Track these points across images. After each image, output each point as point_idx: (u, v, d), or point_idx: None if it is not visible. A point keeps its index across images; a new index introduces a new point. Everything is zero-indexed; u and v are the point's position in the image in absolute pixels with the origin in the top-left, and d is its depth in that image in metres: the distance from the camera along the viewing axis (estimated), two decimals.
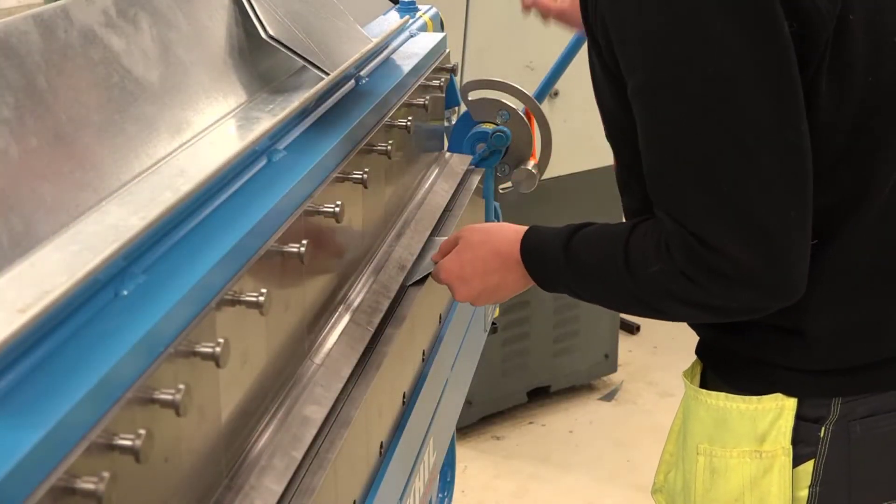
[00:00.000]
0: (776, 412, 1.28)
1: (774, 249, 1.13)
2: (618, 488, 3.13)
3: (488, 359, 3.08)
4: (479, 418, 3.36)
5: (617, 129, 1.31)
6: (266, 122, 1.18)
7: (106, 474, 0.73)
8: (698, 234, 1.14)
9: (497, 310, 2.16)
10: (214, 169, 1.02)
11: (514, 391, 3.42)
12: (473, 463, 3.23)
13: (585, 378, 3.58)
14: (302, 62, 1.35)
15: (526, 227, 1.37)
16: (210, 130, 1.19)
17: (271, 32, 1.32)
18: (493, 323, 2.11)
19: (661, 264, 1.18)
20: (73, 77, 1.03)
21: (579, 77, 2.76)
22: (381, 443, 1.26)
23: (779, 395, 1.28)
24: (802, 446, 1.29)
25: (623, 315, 3.74)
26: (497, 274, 1.39)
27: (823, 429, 1.28)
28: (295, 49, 1.33)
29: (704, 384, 1.37)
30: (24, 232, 0.88)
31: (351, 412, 1.14)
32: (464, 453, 3.24)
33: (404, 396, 1.38)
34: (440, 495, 2.28)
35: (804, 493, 1.30)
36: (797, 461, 1.29)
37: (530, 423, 3.45)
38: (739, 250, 1.13)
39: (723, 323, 1.31)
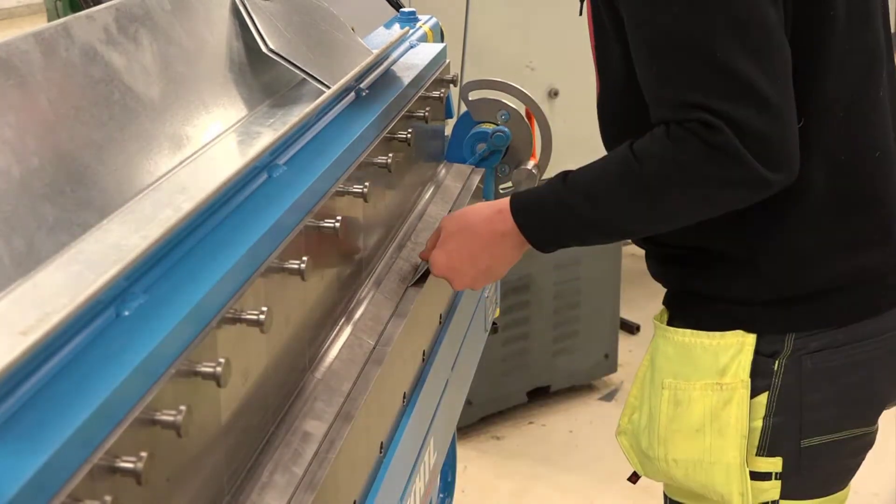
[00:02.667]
0: (737, 347, 1.37)
1: (773, 111, 1.19)
2: (618, 488, 3.13)
3: (488, 359, 3.09)
4: (480, 418, 3.37)
5: (608, 52, 1.38)
6: (267, 138, 1.19)
7: (108, 498, 0.73)
8: (703, 106, 1.19)
9: (497, 310, 2.16)
10: (215, 187, 1.02)
11: (514, 391, 3.42)
12: (473, 463, 3.23)
13: (585, 378, 3.58)
14: (302, 75, 1.35)
15: (502, 199, 1.38)
16: (211, 146, 1.19)
17: (272, 46, 1.33)
18: (494, 323, 2.11)
19: (668, 137, 1.22)
20: (75, 95, 1.03)
21: (579, 77, 2.77)
22: (382, 443, 1.27)
23: (739, 332, 1.37)
24: (758, 379, 1.37)
25: (623, 315, 3.74)
26: (484, 254, 1.39)
27: (777, 362, 1.37)
28: (295, 62, 1.33)
29: (671, 325, 1.44)
30: (26, 251, 0.88)
31: (351, 412, 1.15)
32: (464, 453, 3.24)
33: (404, 396, 1.38)
34: (440, 495, 2.28)
35: (759, 423, 1.39)
36: (753, 393, 1.38)
37: (530, 423, 3.46)
38: (742, 114, 1.18)
39: (687, 265, 1.41)
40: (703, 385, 1.39)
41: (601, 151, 1.67)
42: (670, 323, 1.45)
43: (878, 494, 3.01)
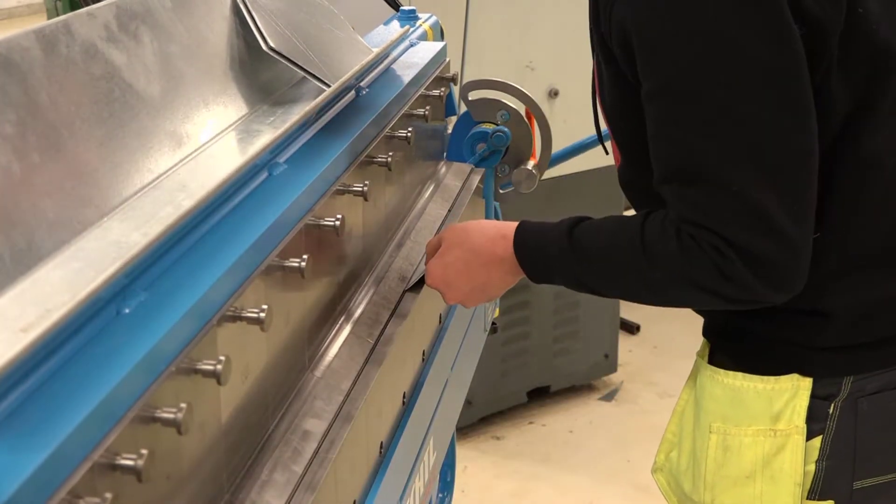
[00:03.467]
0: (792, 392, 1.32)
1: (787, 241, 1.17)
2: (618, 488, 3.13)
3: (488, 359, 3.09)
4: (479, 418, 3.37)
5: (626, 130, 1.35)
6: (267, 136, 1.19)
7: (108, 495, 0.73)
8: (718, 232, 1.17)
9: (497, 310, 2.16)
10: (216, 184, 1.02)
11: (514, 391, 3.42)
12: (473, 463, 3.23)
13: (585, 378, 3.58)
14: (303, 74, 1.35)
15: (510, 223, 1.37)
16: (211, 144, 1.19)
17: (272, 44, 1.32)
18: (494, 323, 2.11)
19: (679, 245, 1.20)
20: (75, 92, 1.03)
21: (579, 77, 2.76)
22: (381, 443, 1.27)
23: (795, 376, 1.31)
24: (812, 423, 1.32)
25: (623, 315, 3.74)
26: (482, 272, 1.38)
27: (833, 405, 1.32)
28: (296, 61, 1.33)
29: (714, 363, 1.39)
30: (27, 249, 0.88)
31: (351, 412, 1.15)
32: (464, 453, 3.24)
33: (404, 396, 1.38)
34: (440, 495, 2.28)
35: (812, 467, 1.34)
36: (807, 436, 1.33)
37: (530, 423, 3.46)
38: (756, 246, 1.16)
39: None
40: (755, 431, 1.33)
41: (601, 151, 1.67)
42: (714, 359, 1.39)
43: None
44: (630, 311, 3.88)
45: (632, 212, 1.36)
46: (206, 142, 1.19)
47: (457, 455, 2.44)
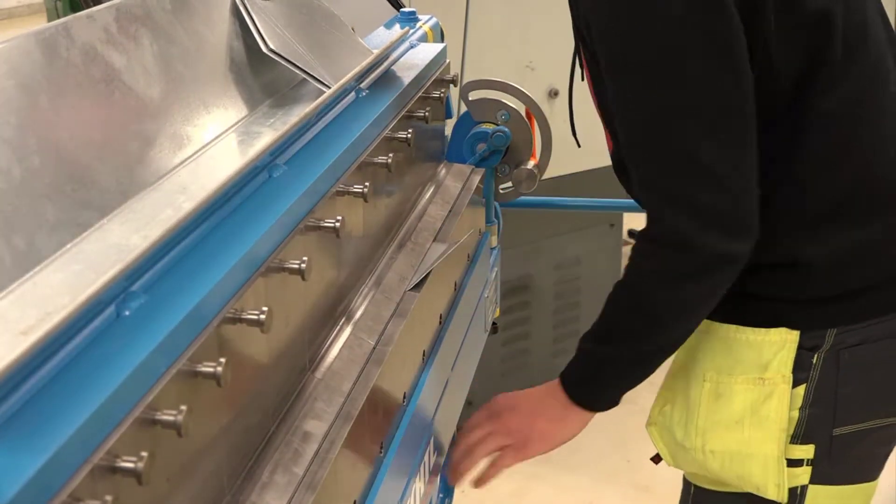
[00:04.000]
0: (780, 344, 1.41)
1: (726, 191, 1.29)
2: (617, 488, 3.13)
3: (488, 359, 3.09)
4: None
5: (610, 115, 1.45)
6: (267, 138, 1.19)
7: (109, 497, 0.73)
8: (667, 192, 1.31)
9: (497, 310, 2.16)
10: (216, 186, 1.02)
11: (514, 391, 3.42)
12: None
13: None
14: (303, 75, 1.35)
15: (552, 383, 1.55)
16: (211, 146, 1.19)
17: (272, 46, 1.33)
18: (494, 323, 2.11)
19: (644, 253, 1.37)
20: (75, 95, 1.03)
21: (579, 78, 2.76)
22: (382, 443, 1.27)
23: (783, 329, 1.41)
24: (798, 372, 1.41)
25: None
26: (542, 421, 1.60)
27: (816, 356, 1.41)
28: (295, 62, 1.34)
29: (709, 318, 1.47)
30: (27, 251, 0.88)
31: (351, 412, 1.15)
32: None
33: (405, 396, 1.38)
34: (440, 495, 2.28)
35: (796, 413, 1.43)
36: (792, 384, 1.41)
37: None
38: (704, 196, 1.29)
39: None
40: (744, 379, 1.43)
41: (601, 151, 1.67)
42: (712, 318, 1.48)
43: (881, 491, 3.01)
44: None
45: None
46: (207, 144, 1.19)
47: None
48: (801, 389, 1.42)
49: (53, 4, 3.86)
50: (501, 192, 2.02)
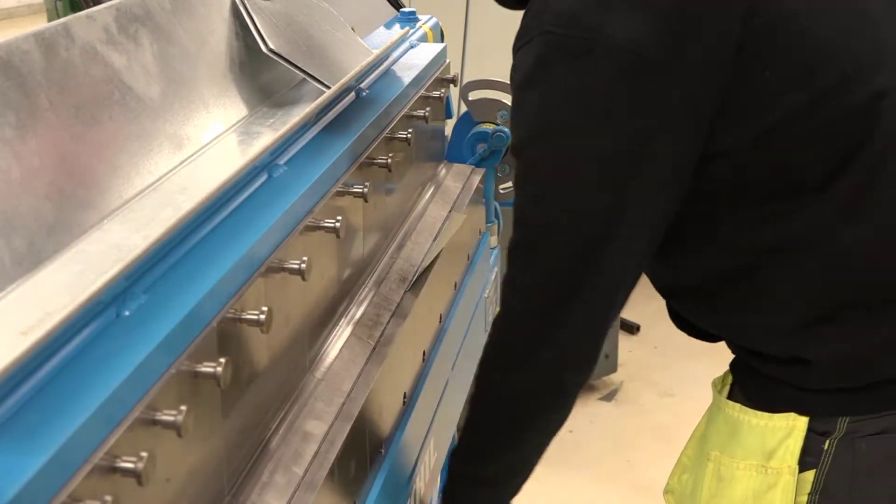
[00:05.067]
0: (786, 431, 1.29)
1: (513, 321, 1.29)
2: (618, 488, 3.13)
3: None
4: None
5: None
6: (267, 138, 1.19)
7: (109, 498, 0.73)
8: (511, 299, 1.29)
9: (497, 309, 2.16)
10: (216, 186, 1.02)
11: None
12: None
13: None
14: (302, 75, 1.35)
15: None
16: (211, 146, 1.19)
17: (272, 46, 1.32)
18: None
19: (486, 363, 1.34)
20: (75, 95, 1.03)
21: None
22: (382, 443, 1.27)
23: (791, 415, 1.29)
24: (806, 455, 1.29)
25: (624, 315, 3.74)
26: None
27: (828, 442, 1.28)
28: (295, 62, 1.33)
29: (729, 396, 1.38)
30: (27, 251, 0.88)
31: (352, 412, 1.15)
32: None
33: (405, 396, 1.38)
34: (440, 495, 2.28)
35: (804, 498, 1.31)
36: (800, 469, 1.30)
37: None
38: (536, 321, 1.25)
39: (744, 341, 1.35)
40: (747, 465, 1.32)
41: None
42: (725, 390, 1.39)
43: None
44: (630, 311, 3.88)
45: None
46: (207, 144, 1.19)
47: None
48: (810, 475, 1.30)
49: (53, 4, 3.85)
50: (501, 192, 2.02)
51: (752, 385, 1.35)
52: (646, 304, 4.09)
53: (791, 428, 1.29)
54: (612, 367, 3.60)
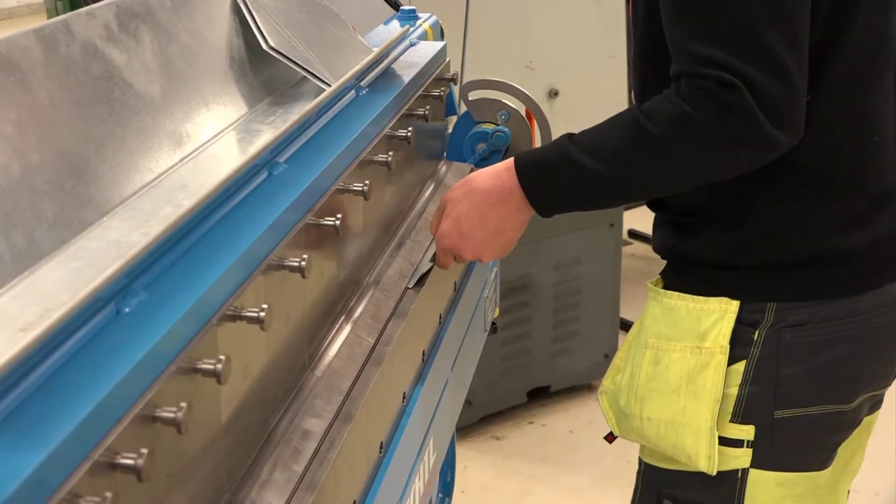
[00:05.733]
0: (719, 314, 1.40)
1: (788, 78, 1.24)
2: (618, 488, 3.13)
3: (488, 359, 3.09)
4: (479, 418, 3.36)
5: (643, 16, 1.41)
6: (267, 135, 1.19)
7: (108, 494, 0.73)
8: (724, 64, 1.22)
9: (497, 309, 2.16)
10: (216, 184, 1.02)
11: (514, 391, 3.42)
12: (473, 463, 3.23)
13: (585, 378, 3.58)
14: (303, 73, 1.35)
15: (507, 159, 1.41)
16: (211, 143, 1.19)
17: (272, 43, 1.33)
18: (493, 323, 2.11)
19: (677, 94, 1.26)
20: (75, 92, 1.03)
21: (579, 77, 2.77)
22: (381, 442, 1.27)
23: (723, 299, 1.40)
24: (737, 348, 1.40)
25: (623, 315, 3.74)
26: (493, 213, 1.40)
27: (757, 332, 1.39)
28: (296, 60, 1.33)
29: (665, 288, 1.47)
30: (26, 248, 0.88)
31: (351, 411, 1.15)
32: (464, 453, 3.24)
33: (404, 396, 1.38)
34: (440, 495, 2.28)
35: (734, 390, 1.41)
36: (731, 361, 1.40)
37: (530, 423, 3.46)
38: (762, 77, 1.22)
39: (679, 229, 1.44)
40: (683, 347, 1.42)
41: None
42: (657, 285, 1.48)
43: (879, 493, 3.01)
44: (630, 311, 3.88)
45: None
46: (206, 141, 1.19)
47: (457, 455, 2.44)
48: (741, 366, 1.40)
49: (53, 4, 3.85)
50: None
51: (685, 275, 1.44)
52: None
53: (724, 311, 1.40)
54: None
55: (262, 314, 0.97)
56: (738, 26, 1.23)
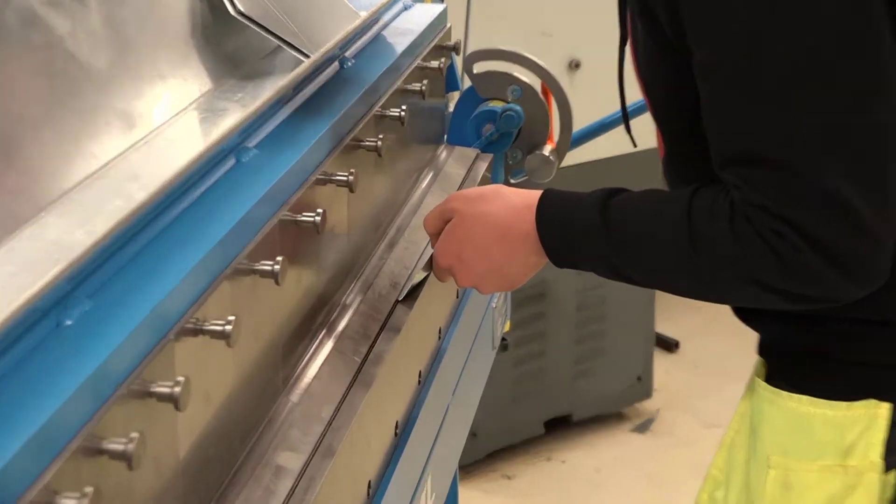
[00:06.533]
0: (867, 421, 1.32)
1: (866, 234, 1.19)
2: None
3: (497, 382, 3.10)
4: (487, 454, 3.38)
5: (674, 109, 1.37)
6: (234, 115, 1.20)
7: None
8: (786, 217, 1.18)
9: (508, 323, 2.17)
10: (174, 173, 1.03)
11: (528, 421, 3.43)
12: None
13: (614, 405, 3.60)
14: (277, 42, 1.36)
15: (535, 192, 1.37)
16: (168, 125, 1.20)
17: (241, 7, 1.34)
18: (503, 338, 2.12)
19: (731, 227, 1.21)
20: (9, 64, 1.04)
21: (605, 46, 2.76)
22: (370, 482, 1.28)
23: (871, 402, 1.32)
24: (891, 455, 1.32)
25: (660, 329, 3.75)
26: (501, 249, 1.38)
27: None
28: (269, 27, 1.35)
29: (774, 385, 1.39)
30: None
31: (333, 445, 1.15)
32: (468, 495, 3.25)
33: (397, 427, 1.39)
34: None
35: None
36: (885, 468, 1.33)
37: (548, 459, 3.47)
38: (832, 235, 1.18)
39: (789, 317, 1.36)
40: (821, 467, 1.34)
41: (633, 133, 1.68)
42: (772, 381, 1.39)
43: None
44: (667, 324, 3.89)
45: None
46: (163, 122, 1.20)
47: (460, 497, 2.45)
48: (893, 477, 1.34)
49: None
50: (512, 181, 2.02)
51: (814, 373, 1.36)
52: (685, 317, 4.12)
53: (873, 416, 1.32)
54: (647, 391, 3.61)
55: (228, 328, 0.98)
56: (801, 176, 1.19)
